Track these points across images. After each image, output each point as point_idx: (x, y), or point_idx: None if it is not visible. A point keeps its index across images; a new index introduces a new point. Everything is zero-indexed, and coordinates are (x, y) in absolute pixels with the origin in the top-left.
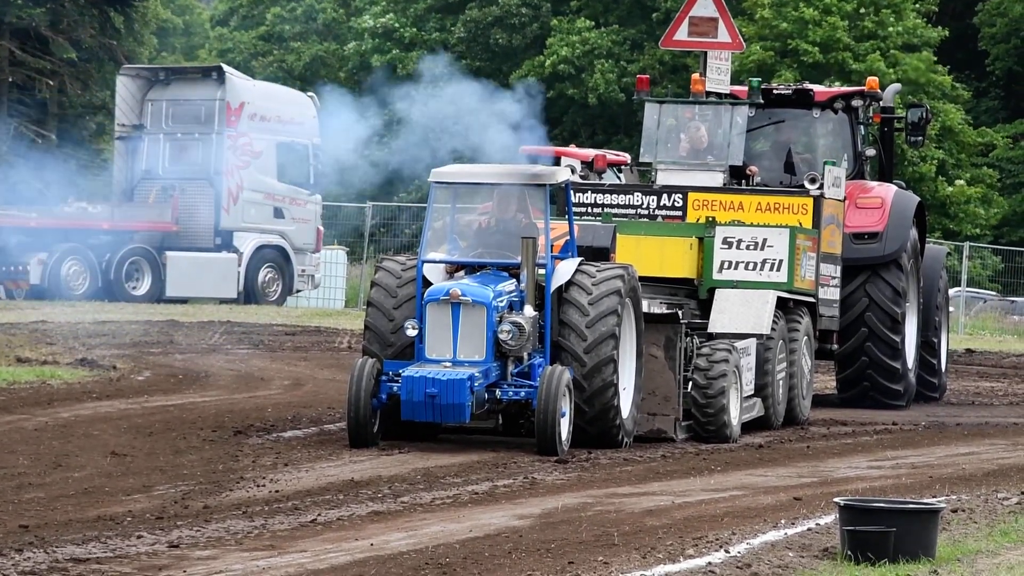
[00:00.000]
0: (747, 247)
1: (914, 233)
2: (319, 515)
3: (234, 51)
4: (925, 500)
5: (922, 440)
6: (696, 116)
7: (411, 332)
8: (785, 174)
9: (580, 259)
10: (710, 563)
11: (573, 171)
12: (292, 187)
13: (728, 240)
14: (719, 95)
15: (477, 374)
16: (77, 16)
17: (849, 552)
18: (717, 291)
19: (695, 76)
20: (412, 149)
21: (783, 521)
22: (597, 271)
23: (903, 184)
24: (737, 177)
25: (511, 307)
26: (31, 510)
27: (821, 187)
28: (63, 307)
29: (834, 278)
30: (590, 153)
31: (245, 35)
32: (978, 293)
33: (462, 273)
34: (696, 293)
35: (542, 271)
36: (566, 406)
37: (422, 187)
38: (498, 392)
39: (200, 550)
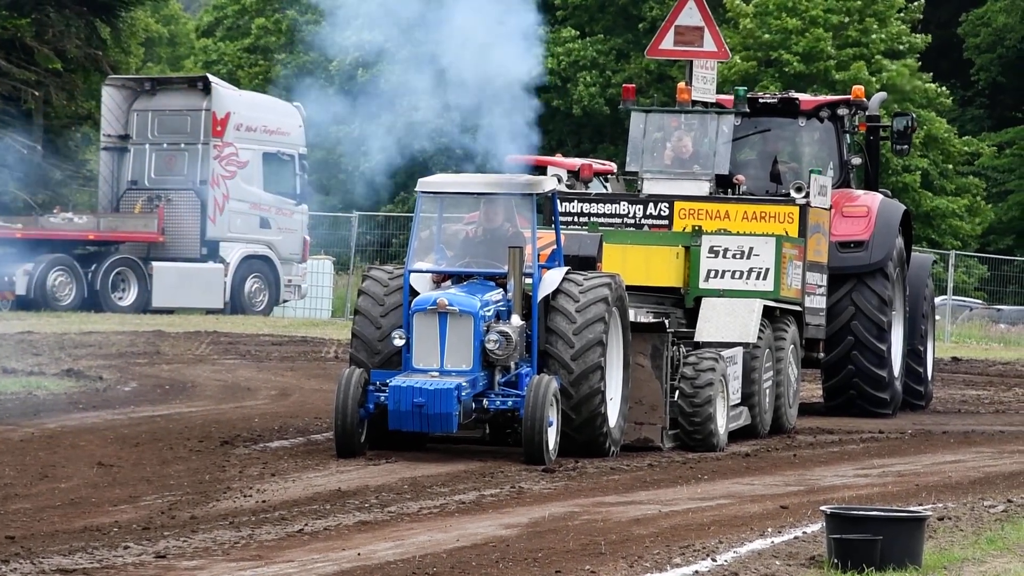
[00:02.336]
0: (733, 256)
1: (900, 241)
2: (306, 525)
3: (219, 62)
4: (911, 508)
5: (908, 448)
6: (682, 125)
7: (398, 342)
8: (771, 183)
9: (567, 268)
10: (697, 571)
11: (560, 180)
12: (278, 197)
13: (714, 249)
14: (705, 104)
15: (464, 384)
16: (63, 27)
17: (836, 560)
18: (703, 300)
19: (681, 85)
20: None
21: (770, 529)
22: (584, 279)
23: (889, 193)
24: (723, 186)
25: (498, 316)
26: (17, 521)
27: (807, 196)
28: (49, 318)
29: (820, 287)
30: (576, 162)
31: (230, 46)
32: (964, 301)
33: (449, 283)
34: (682, 302)
35: (529, 280)
36: (553, 415)
37: (409, 197)
38: (485, 402)
39: (187, 560)
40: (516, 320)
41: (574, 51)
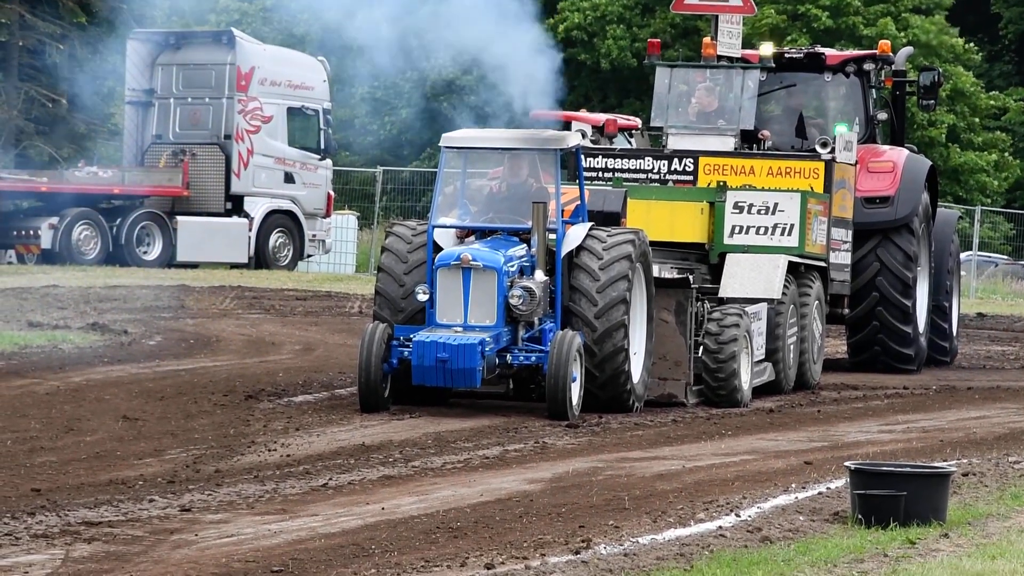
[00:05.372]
0: (758, 212)
1: (926, 197)
2: (330, 479)
3: (242, 22)
4: (936, 464)
5: (933, 404)
6: (707, 80)
7: (422, 297)
8: (796, 138)
9: (591, 224)
10: (720, 527)
11: (584, 136)
12: (303, 152)
13: (739, 204)
14: (730, 59)
15: (488, 339)
16: None
17: (860, 516)
18: (728, 256)
19: (706, 40)
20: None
21: (794, 485)
22: (608, 236)
23: (915, 148)
24: (748, 141)
25: (522, 272)
26: (43, 474)
27: (832, 151)
28: (74, 272)
29: (845, 242)
30: (601, 118)
31: (252, 7)
32: (989, 257)
33: (473, 238)
34: (707, 258)
35: (553, 236)
36: (577, 371)
37: (434, 154)
38: (509, 357)
39: (212, 514)
40: (540, 276)
41: (600, 5)
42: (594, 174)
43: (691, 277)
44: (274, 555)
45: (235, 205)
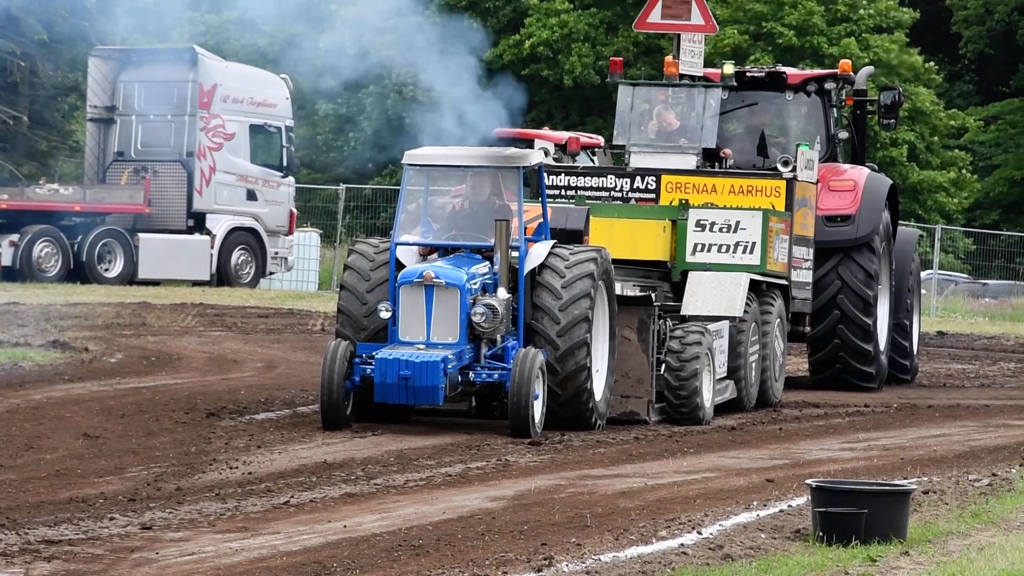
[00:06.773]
0: (720, 230)
1: (886, 216)
2: (292, 497)
3: (207, 34)
4: (896, 482)
5: (894, 422)
6: (669, 99)
7: (384, 315)
8: (758, 157)
9: (553, 241)
10: (683, 545)
11: (547, 153)
12: (265, 169)
13: (701, 223)
14: (692, 78)
15: (451, 356)
16: None
17: (821, 533)
18: (690, 274)
19: (668, 59)
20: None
21: (755, 503)
22: (570, 254)
23: (875, 167)
24: (710, 160)
25: (484, 289)
26: (2, 492)
27: (794, 170)
28: (35, 289)
29: (807, 261)
30: (563, 135)
31: (217, 18)
32: (949, 276)
33: (435, 255)
34: (669, 276)
35: (515, 253)
36: (539, 388)
37: (396, 170)
38: (471, 374)
39: (173, 532)
40: (502, 293)
41: (568, 23)
42: (557, 192)
43: (653, 295)
44: (235, 573)
45: (197, 222)
